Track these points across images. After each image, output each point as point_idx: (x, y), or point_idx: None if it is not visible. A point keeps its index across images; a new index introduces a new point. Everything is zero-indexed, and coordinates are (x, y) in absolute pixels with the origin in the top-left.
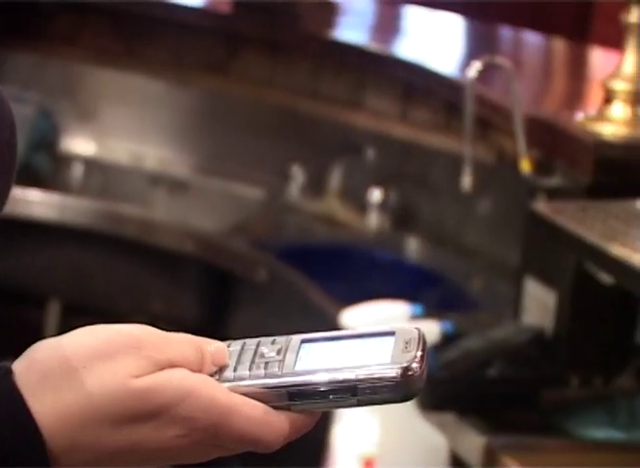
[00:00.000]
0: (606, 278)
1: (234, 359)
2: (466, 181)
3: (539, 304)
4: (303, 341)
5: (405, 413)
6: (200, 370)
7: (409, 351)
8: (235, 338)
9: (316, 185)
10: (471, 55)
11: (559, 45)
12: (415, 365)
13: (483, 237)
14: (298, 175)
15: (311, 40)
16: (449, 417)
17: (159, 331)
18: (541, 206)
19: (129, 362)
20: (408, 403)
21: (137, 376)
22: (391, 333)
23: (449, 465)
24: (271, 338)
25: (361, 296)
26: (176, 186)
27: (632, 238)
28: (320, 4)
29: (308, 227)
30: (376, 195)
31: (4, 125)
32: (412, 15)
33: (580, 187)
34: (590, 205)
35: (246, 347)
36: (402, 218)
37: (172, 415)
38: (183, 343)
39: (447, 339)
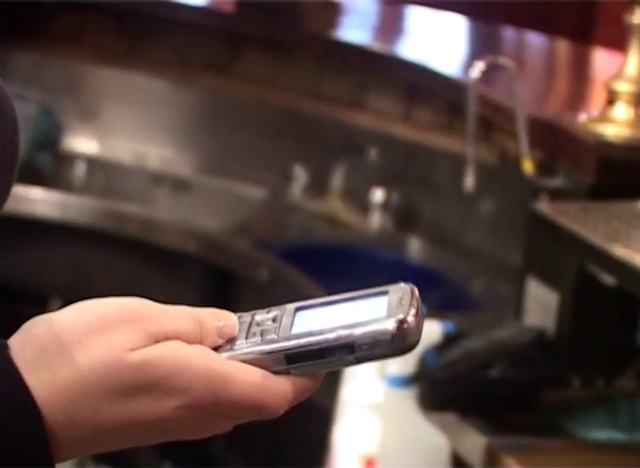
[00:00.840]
0: (608, 279)
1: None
2: (469, 182)
3: (540, 305)
4: (298, 309)
5: (406, 413)
6: (199, 343)
7: (403, 305)
8: None
9: (318, 185)
10: (474, 55)
11: (562, 46)
12: (410, 317)
13: (485, 237)
14: (300, 175)
15: (314, 40)
16: (450, 417)
17: (156, 304)
18: (544, 206)
19: (123, 335)
20: (409, 403)
21: (131, 349)
22: (385, 293)
23: (450, 465)
24: (266, 309)
25: None
26: (178, 185)
27: (635, 239)
28: (323, 4)
29: (310, 227)
30: (378, 195)
31: (7, 122)
32: (415, 15)
33: (582, 188)
34: (593, 206)
35: (241, 319)
36: (404, 219)
37: (168, 387)
38: (180, 316)
39: (448, 339)
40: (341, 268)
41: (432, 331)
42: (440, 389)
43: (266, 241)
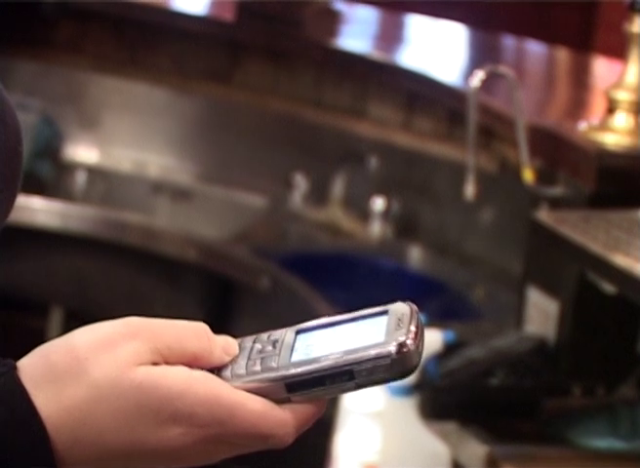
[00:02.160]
0: (608, 287)
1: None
2: (469, 190)
3: (541, 313)
4: (298, 332)
5: (407, 422)
6: (208, 358)
7: (402, 327)
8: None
9: (319, 194)
10: (474, 64)
11: (562, 54)
12: (409, 341)
13: (485, 246)
14: (300, 184)
15: (314, 48)
16: (451, 426)
17: (161, 320)
18: (544, 215)
19: (128, 350)
20: (410, 411)
21: (137, 364)
22: (384, 312)
23: None
24: (267, 333)
25: (364, 305)
26: (178, 194)
27: (635, 248)
28: (323, 12)
29: (311, 235)
30: (378, 204)
31: (11, 133)
32: (415, 23)
33: (582, 197)
34: (593, 214)
35: (243, 345)
36: (404, 227)
37: (172, 410)
38: (187, 331)
39: (449, 348)
40: (342, 276)
41: (433, 339)
42: (441, 398)
43: (267, 249)
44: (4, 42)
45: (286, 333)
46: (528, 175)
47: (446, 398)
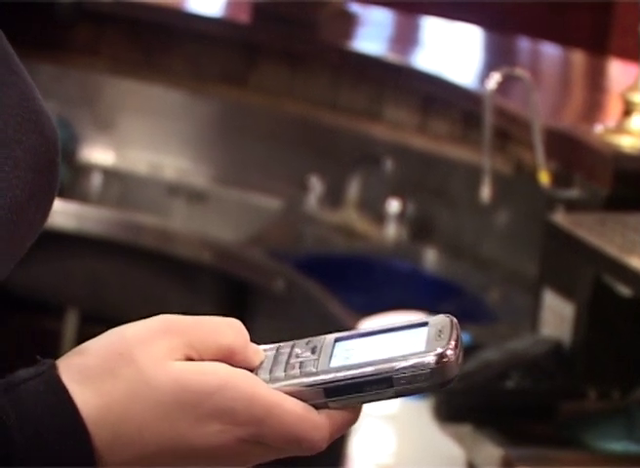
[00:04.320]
0: (624, 290)
1: (270, 361)
2: (485, 193)
3: (556, 316)
4: (337, 339)
5: (422, 424)
6: (244, 352)
7: (442, 338)
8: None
9: (334, 196)
10: (490, 66)
11: (578, 57)
12: (449, 351)
13: (501, 248)
14: (316, 186)
15: (330, 51)
16: (466, 429)
17: (196, 317)
18: (560, 218)
19: (163, 345)
20: (425, 414)
21: (172, 359)
22: (424, 324)
23: None
24: (306, 339)
25: (379, 307)
26: (194, 196)
27: None
28: (339, 15)
29: (326, 238)
30: (394, 206)
31: (49, 144)
32: (430, 26)
33: (598, 199)
34: (609, 217)
35: (281, 350)
36: (420, 229)
37: (210, 406)
38: (222, 325)
39: (464, 351)
40: (357, 279)
41: None
42: (456, 400)
43: (282, 252)
44: (20, 45)
45: (325, 340)
46: (544, 178)
47: (461, 400)
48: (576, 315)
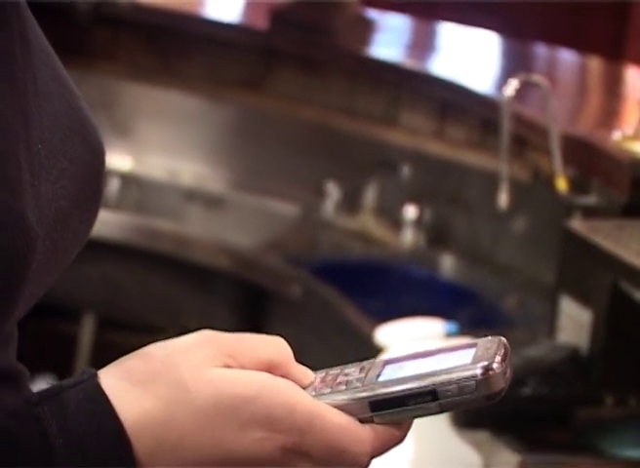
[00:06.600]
0: None
1: (317, 381)
2: (502, 199)
3: (574, 323)
4: (387, 363)
5: (439, 431)
6: (286, 366)
7: (489, 354)
8: None
9: (351, 202)
10: (507, 72)
11: (595, 63)
12: (495, 364)
13: (518, 255)
14: (333, 192)
15: (347, 57)
16: (483, 435)
17: (237, 333)
18: (577, 224)
19: (202, 353)
20: (442, 420)
21: (211, 366)
22: (473, 345)
23: None
24: (356, 363)
25: (395, 313)
26: (211, 202)
27: None
28: (356, 21)
29: (343, 244)
30: (411, 212)
31: (94, 154)
32: (447, 32)
33: (615, 206)
34: (626, 223)
35: (330, 372)
36: (437, 236)
37: (250, 412)
38: (263, 340)
39: None
40: (374, 285)
41: None
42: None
43: (299, 258)
44: None
45: (374, 362)
46: (561, 185)
47: (478, 407)
48: (593, 322)
